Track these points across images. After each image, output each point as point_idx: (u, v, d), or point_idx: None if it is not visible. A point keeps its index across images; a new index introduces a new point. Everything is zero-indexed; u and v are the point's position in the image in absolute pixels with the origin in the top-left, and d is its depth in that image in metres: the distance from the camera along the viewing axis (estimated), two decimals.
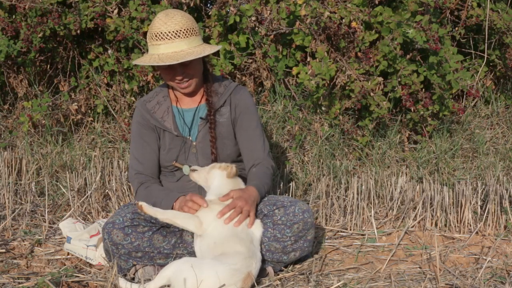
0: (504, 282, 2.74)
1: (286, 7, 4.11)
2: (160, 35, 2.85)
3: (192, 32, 2.88)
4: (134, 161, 3.05)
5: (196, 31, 2.91)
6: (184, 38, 2.85)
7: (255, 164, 3.04)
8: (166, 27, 2.84)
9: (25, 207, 3.59)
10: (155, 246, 2.81)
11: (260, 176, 2.98)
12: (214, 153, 3.00)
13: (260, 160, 3.04)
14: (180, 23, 2.86)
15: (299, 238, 2.86)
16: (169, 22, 2.85)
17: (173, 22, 2.85)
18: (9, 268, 2.97)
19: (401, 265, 3.02)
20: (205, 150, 3.03)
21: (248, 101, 3.09)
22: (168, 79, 2.97)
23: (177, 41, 2.85)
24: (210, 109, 3.01)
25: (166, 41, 2.84)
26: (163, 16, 2.88)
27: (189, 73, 2.93)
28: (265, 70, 4.48)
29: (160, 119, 3.04)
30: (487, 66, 4.80)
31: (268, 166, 3.05)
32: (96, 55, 4.57)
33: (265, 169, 3.03)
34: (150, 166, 3.04)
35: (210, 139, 3.01)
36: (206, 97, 3.03)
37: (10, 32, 4.26)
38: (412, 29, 3.99)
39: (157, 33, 2.86)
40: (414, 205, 3.49)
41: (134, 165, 3.05)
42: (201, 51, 2.86)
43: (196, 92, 3.05)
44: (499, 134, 4.70)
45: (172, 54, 2.84)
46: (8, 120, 4.64)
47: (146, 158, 3.03)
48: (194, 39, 2.89)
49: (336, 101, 4.19)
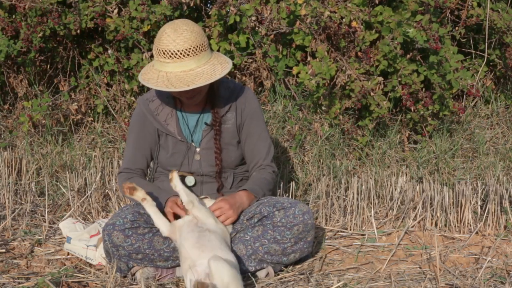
0: (504, 282, 2.74)
1: (286, 7, 4.10)
2: (168, 53, 2.74)
3: (202, 48, 2.78)
4: (125, 160, 3.06)
5: (205, 46, 2.80)
6: (194, 56, 2.76)
7: (257, 169, 3.04)
8: (175, 45, 2.73)
9: (25, 207, 3.59)
10: (155, 248, 2.80)
11: (258, 180, 2.99)
12: (218, 164, 2.99)
13: (263, 167, 3.04)
14: (190, 40, 2.74)
15: (299, 240, 2.85)
16: (178, 39, 2.73)
17: (181, 39, 2.73)
18: (9, 268, 2.97)
19: (401, 265, 3.02)
20: (209, 157, 3.00)
21: (254, 105, 3.04)
22: (174, 94, 2.92)
23: (186, 60, 2.75)
24: (215, 118, 2.96)
25: (175, 59, 2.74)
26: (172, 32, 2.75)
27: (197, 90, 2.85)
28: (265, 70, 4.48)
29: (163, 122, 3.00)
30: (487, 65, 4.80)
31: (270, 171, 3.05)
32: (96, 55, 4.56)
33: (267, 174, 3.03)
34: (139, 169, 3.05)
35: (215, 150, 2.97)
36: (211, 106, 2.98)
37: (10, 32, 4.26)
38: (412, 29, 3.98)
39: (165, 50, 2.74)
40: (414, 205, 3.49)
41: (124, 163, 3.06)
42: (211, 73, 2.76)
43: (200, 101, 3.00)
44: (499, 134, 4.69)
45: (181, 74, 2.75)
46: (8, 120, 4.64)
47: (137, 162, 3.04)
48: (204, 55, 2.79)
49: (336, 100, 4.19)
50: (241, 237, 2.86)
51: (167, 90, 2.76)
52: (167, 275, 2.85)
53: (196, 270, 2.49)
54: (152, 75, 2.81)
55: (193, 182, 3.01)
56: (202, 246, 2.58)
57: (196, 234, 2.65)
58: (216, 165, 2.99)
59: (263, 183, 2.99)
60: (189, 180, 3.01)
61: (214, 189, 3.03)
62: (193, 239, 2.63)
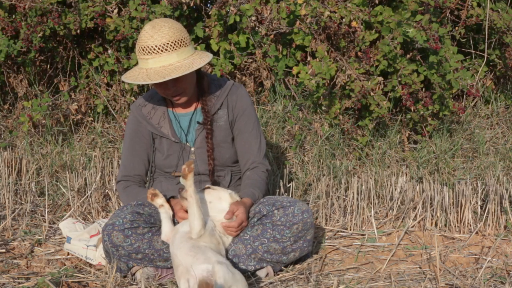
0: (504, 282, 2.74)
1: (286, 7, 4.11)
2: (147, 49, 2.78)
3: (181, 43, 2.81)
4: (122, 168, 3.09)
5: (185, 42, 2.83)
6: (173, 51, 2.78)
7: (250, 168, 3.05)
8: (153, 40, 2.77)
9: (25, 207, 3.59)
10: (155, 248, 2.81)
11: (254, 182, 3.00)
12: (211, 164, 3.00)
13: (256, 164, 3.04)
14: (168, 35, 2.78)
15: (298, 238, 2.85)
16: (156, 35, 2.77)
17: (159, 35, 2.77)
18: (9, 268, 2.97)
19: (401, 265, 3.02)
20: (204, 156, 3.02)
21: (245, 102, 3.06)
22: (161, 93, 2.94)
23: (165, 55, 2.78)
24: (206, 117, 2.98)
25: (153, 55, 2.78)
26: (150, 28, 2.80)
27: (181, 86, 2.87)
28: (265, 70, 4.48)
29: (156, 125, 3.02)
30: (487, 65, 4.80)
31: (263, 170, 3.06)
32: (96, 55, 4.57)
33: (260, 173, 3.04)
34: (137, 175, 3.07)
35: (207, 148, 2.99)
36: (202, 105, 2.99)
37: (10, 32, 4.27)
38: (412, 29, 3.98)
39: (144, 47, 2.79)
40: (414, 205, 3.49)
41: (122, 171, 3.09)
42: (190, 65, 2.79)
43: (190, 101, 3.02)
44: (499, 134, 4.69)
45: (161, 68, 2.78)
46: (8, 120, 4.64)
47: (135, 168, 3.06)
48: (184, 51, 2.81)
49: (336, 100, 4.19)
50: (240, 236, 2.86)
51: (143, 83, 2.81)
52: (167, 275, 2.85)
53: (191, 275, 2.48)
54: (134, 73, 2.87)
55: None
56: (196, 254, 2.58)
57: (189, 244, 2.64)
58: (209, 164, 3.00)
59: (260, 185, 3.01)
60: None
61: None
62: (186, 248, 2.62)
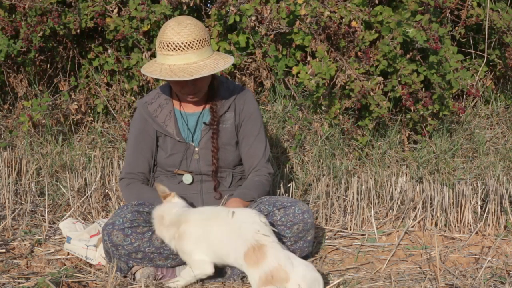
0: (504, 282, 2.74)
1: (286, 7, 4.11)
2: (172, 45, 2.79)
3: (204, 42, 2.83)
4: (126, 165, 3.09)
5: (207, 42, 2.86)
6: (197, 49, 2.80)
7: (253, 171, 3.06)
8: (179, 37, 2.78)
9: (25, 207, 3.59)
10: (155, 246, 2.81)
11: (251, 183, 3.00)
12: (215, 163, 3.01)
13: (259, 168, 3.05)
14: (193, 33, 2.80)
15: (299, 238, 2.86)
16: (182, 32, 2.78)
17: (186, 32, 2.79)
18: (9, 268, 2.97)
19: (401, 265, 3.02)
20: (207, 157, 3.02)
21: (252, 107, 3.07)
22: (176, 90, 2.94)
23: (189, 53, 2.79)
24: (213, 117, 2.99)
25: (178, 52, 2.79)
26: (175, 25, 2.80)
27: (199, 85, 2.90)
28: (265, 69, 4.47)
29: (162, 123, 3.03)
30: (487, 65, 4.80)
31: (266, 173, 3.06)
32: (96, 55, 4.56)
33: (261, 176, 3.04)
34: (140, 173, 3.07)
35: (212, 149, 3.00)
36: (211, 105, 3.01)
37: (10, 32, 4.26)
38: (412, 29, 3.98)
39: (169, 43, 2.79)
40: (414, 205, 3.49)
41: (125, 168, 3.09)
42: (214, 66, 2.81)
43: (200, 101, 3.03)
44: (499, 134, 4.69)
45: (184, 66, 2.79)
46: (8, 120, 4.64)
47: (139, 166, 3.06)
48: (206, 50, 2.84)
49: (336, 100, 4.19)
50: None
51: (170, 79, 2.80)
52: (167, 275, 2.85)
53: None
54: (155, 68, 2.85)
55: (190, 180, 3.03)
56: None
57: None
58: (213, 164, 3.00)
59: (256, 186, 3.01)
60: (186, 178, 3.03)
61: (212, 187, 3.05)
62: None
